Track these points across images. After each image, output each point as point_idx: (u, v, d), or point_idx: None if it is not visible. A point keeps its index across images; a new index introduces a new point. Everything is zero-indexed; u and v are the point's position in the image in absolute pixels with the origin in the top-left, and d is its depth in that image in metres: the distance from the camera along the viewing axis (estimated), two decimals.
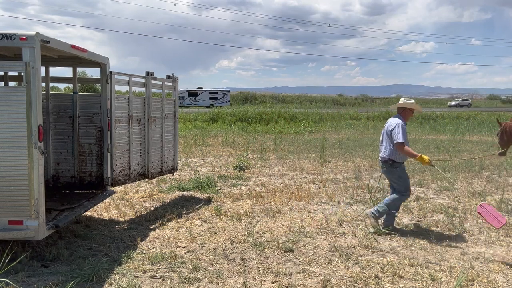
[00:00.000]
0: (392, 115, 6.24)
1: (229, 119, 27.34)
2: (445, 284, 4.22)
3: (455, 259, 4.92)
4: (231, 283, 4.19)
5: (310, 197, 7.88)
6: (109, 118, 6.03)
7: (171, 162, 7.74)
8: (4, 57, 5.77)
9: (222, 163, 11.81)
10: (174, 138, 7.77)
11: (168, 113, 7.47)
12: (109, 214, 6.69)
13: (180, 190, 8.35)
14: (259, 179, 9.60)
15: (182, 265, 4.58)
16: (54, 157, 6.38)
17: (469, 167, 11.09)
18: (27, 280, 4.15)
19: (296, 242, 5.38)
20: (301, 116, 30.01)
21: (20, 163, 4.16)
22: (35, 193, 4.17)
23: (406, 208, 7.12)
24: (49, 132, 6.25)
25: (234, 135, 19.46)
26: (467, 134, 21.08)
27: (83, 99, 6.37)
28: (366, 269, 4.53)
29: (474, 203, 7.43)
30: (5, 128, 4.15)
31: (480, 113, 37.57)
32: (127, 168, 6.52)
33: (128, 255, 4.81)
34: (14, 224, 4.18)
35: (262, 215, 6.65)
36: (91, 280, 4.14)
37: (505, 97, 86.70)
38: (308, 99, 64.79)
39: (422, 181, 9.30)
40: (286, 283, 4.19)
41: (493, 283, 4.25)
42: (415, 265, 4.65)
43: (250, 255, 4.94)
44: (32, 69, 4.09)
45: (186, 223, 6.21)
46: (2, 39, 4.09)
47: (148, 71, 6.87)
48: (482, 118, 32.31)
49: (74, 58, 6.03)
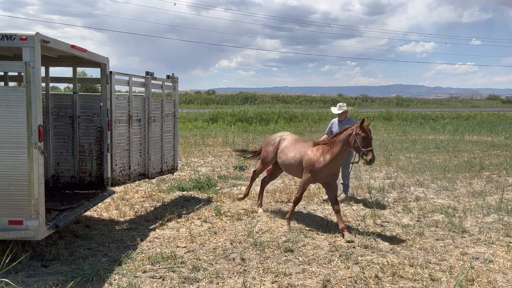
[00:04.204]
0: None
1: (229, 119, 27.33)
2: (445, 284, 4.22)
3: (455, 259, 4.92)
4: (231, 283, 4.19)
5: (310, 197, 7.88)
6: (109, 118, 6.03)
7: (171, 162, 7.74)
8: (4, 57, 5.77)
9: (222, 163, 11.81)
10: (174, 138, 7.77)
11: (168, 113, 7.47)
12: (109, 214, 6.69)
13: (180, 190, 8.35)
14: (259, 179, 9.59)
15: (182, 265, 4.58)
16: (54, 157, 6.38)
17: (469, 167, 11.09)
18: (27, 280, 4.15)
19: (296, 242, 5.38)
20: (301, 116, 30.01)
21: (20, 163, 4.16)
22: (35, 193, 4.17)
23: (406, 208, 7.12)
24: (49, 132, 6.26)
25: (234, 135, 19.45)
26: (467, 134, 21.09)
27: (83, 99, 6.37)
28: (366, 269, 4.53)
29: (474, 203, 7.42)
30: (5, 128, 4.15)
31: (480, 113, 37.60)
32: (127, 168, 6.52)
33: (128, 255, 4.81)
34: (14, 224, 4.18)
35: (262, 215, 6.65)
36: (91, 280, 4.14)
37: (505, 97, 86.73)
38: (308, 99, 64.76)
39: (422, 181, 9.30)
40: (286, 283, 4.19)
41: (493, 283, 4.26)
42: (415, 265, 4.66)
43: (250, 255, 4.94)
44: (32, 69, 4.09)
45: (186, 223, 6.21)
46: (2, 39, 4.09)
47: (148, 71, 6.86)
48: (482, 118, 32.33)
49: (74, 58, 6.03)
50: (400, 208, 7.20)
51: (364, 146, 5.45)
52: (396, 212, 6.95)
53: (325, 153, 5.83)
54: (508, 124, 25.04)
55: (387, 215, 6.72)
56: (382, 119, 30.51)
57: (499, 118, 32.21)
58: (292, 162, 6.24)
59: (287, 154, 6.36)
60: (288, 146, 6.43)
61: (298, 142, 6.43)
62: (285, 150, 6.43)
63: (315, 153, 5.93)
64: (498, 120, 30.18)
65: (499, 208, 7.06)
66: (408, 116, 31.59)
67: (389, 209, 7.14)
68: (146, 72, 6.85)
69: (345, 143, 5.65)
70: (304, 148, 6.18)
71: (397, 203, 7.53)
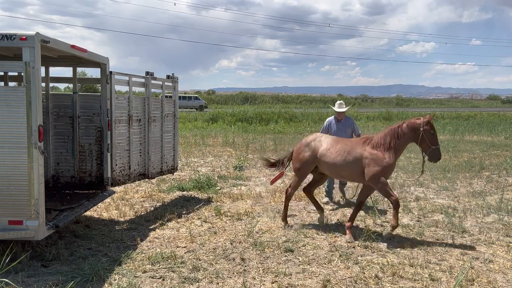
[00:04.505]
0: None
1: (229, 119, 27.35)
2: (445, 284, 4.22)
3: (455, 259, 4.92)
4: (231, 283, 4.19)
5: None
6: (109, 118, 6.03)
7: (171, 162, 7.74)
8: (4, 57, 5.77)
9: (222, 163, 11.81)
10: (174, 138, 7.77)
11: (168, 113, 7.47)
12: (109, 214, 6.69)
13: (180, 190, 8.35)
14: (259, 179, 9.61)
15: (182, 265, 4.58)
16: (54, 157, 6.38)
17: (469, 167, 11.09)
18: (27, 280, 4.15)
19: (296, 242, 5.38)
20: (301, 116, 30.03)
21: (20, 163, 4.16)
22: (35, 193, 4.17)
23: (406, 208, 7.12)
24: (49, 132, 6.25)
25: (234, 135, 19.46)
26: (467, 134, 21.09)
27: (83, 99, 6.37)
28: (366, 269, 4.53)
29: (474, 203, 7.44)
30: (5, 128, 4.14)
31: (480, 113, 37.62)
32: (127, 168, 6.52)
33: (128, 255, 4.81)
34: (14, 224, 4.18)
35: (262, 215, 6.65)
36: (91, 280, 4.14)
37: (505, 97, 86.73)
38: (308, 99, 64.81)
39: (422, 181, 9.30)
40: (286, 283, 4.19)
41: (493, 283, 4.25)
42: (415, 265, 4.66)
43: (250, 255, 4.94)
44: (32, 69, 4.09)
45: (186, 223, 6.21)
46: (2, 39, 4.09)
47: (148, 71, 6.87)
48: (482, 118, 32.34)
49: (74, 58, 6.03)
50: (400, 208, 7.19)
51: (432, 143, 5.34)
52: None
53: (386, 149, 5.42)
54: (508, 124, 25.05)
55: (387, 215, 6.72)
56: (382, 119, 30.52)
57: (499, 118, 32.22)
58: (344, 164, 5.64)
59: (334, 157, 5.70)
60: (330, 149, 5.79)
61: (339, 142, 5.87)
62: (329, 153, 5.76)
63: (377, 151, 5.47)
64: (498, 120, 30.19)
65: (499, 208, 7.06)
66: (408, 116, 31.59)
67: (389, 209, 7.14)
68: (146, 72, 6.85)
69: (409, 138, 5.42)
70: (356, 148, 5.64)
71: None
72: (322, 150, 5.84)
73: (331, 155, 5.73)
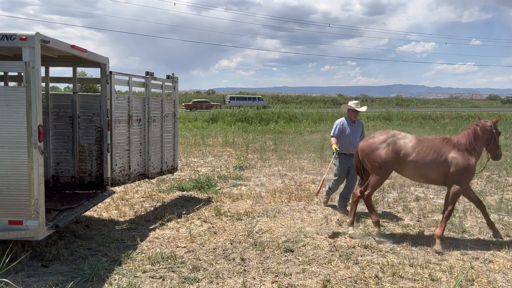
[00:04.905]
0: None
1: (229, 119, 27.35)
2: (445, 284, 4.22)
3: (455, 259, 4.92)
4: (231, 283, 4.19)
5: (310, 197, 7.88)
6: (109, 118, 6.03)
7: (171, 162, 7.74)
8: (4, 57, 5.77)
9: (222, 163, 11.81)
10: (174, 138, 7.77)
11: (168, 113, 7.47)
12: (109, 214, 6.69)
13: (180, 190, 8.35)
14: (259, 179, 9.61)
15: (182, 265, 4.58)
16: (54, 157, 6.38)
17: None
18: (27, 280, 4.15)
19: (296, 242, 5.38)
20: (301, 116, 30.03)
21: (20, 163, 4.16)
22: (35, 193, 4.17)
23: (406, 208, 7.12)
24: (49, 132, 6.25)
25: (234, 135, 19.46)
26: None
27: (83, 99, 6.37)
28: (366, 269, 4.53)
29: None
30: (5, 128, 4.15)
31: (480, 113, 37.58)
32: (127, 168, 6.52)
33: (128, 255, 4.81)
34: (14, 224, 4.18)
35: (262, 215, 6.65)
36: (91, 280, 4.14)
37: (505, 97, 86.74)
38: (308, 99, 64.82)
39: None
40: (286, 283, 4.19)
41: (493, 283, 4.26)
42: (415, 265, 4.66)
43: (250, 255, 4.94)
44: (32, 69, 4.09)
45: (186, 223, 6.21)
46: (2, 39, 4.09)
47: (148, 71, 6.87)
48: (482, 118, 32.28)
49: (74, 58, 6.03)
50: (400, 208, 7.21)
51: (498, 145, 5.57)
52: (396, 212, 6.95)
53: (466, 153, 5.26)
54: (508, 124, 25.01)
55: (387, 215, 6.72)
56: (382, 119, 30.51)
57: (499, 118, 32.16)
58: (433, 165, 5.29)
59: (423, 157, 5.30)
60: (416, 147, 5.36)
61: (424, 141, 5.49)
62: (416, 153, 5.34)
63: (462, 155, 5.25)
64: (498, 120, 30.13)
65: (499, 208, 7.06)
66: (408, 116, 31.61)
67: (389, 209, 7.14)
68: (146, 72, 6.85)
69: (486, 142, 5.51)
70: (443, 149, 5.33)
71: (397, 203, 7.53)
72: (407, 150, 5.39)
73: (419, 155, 5.31)
